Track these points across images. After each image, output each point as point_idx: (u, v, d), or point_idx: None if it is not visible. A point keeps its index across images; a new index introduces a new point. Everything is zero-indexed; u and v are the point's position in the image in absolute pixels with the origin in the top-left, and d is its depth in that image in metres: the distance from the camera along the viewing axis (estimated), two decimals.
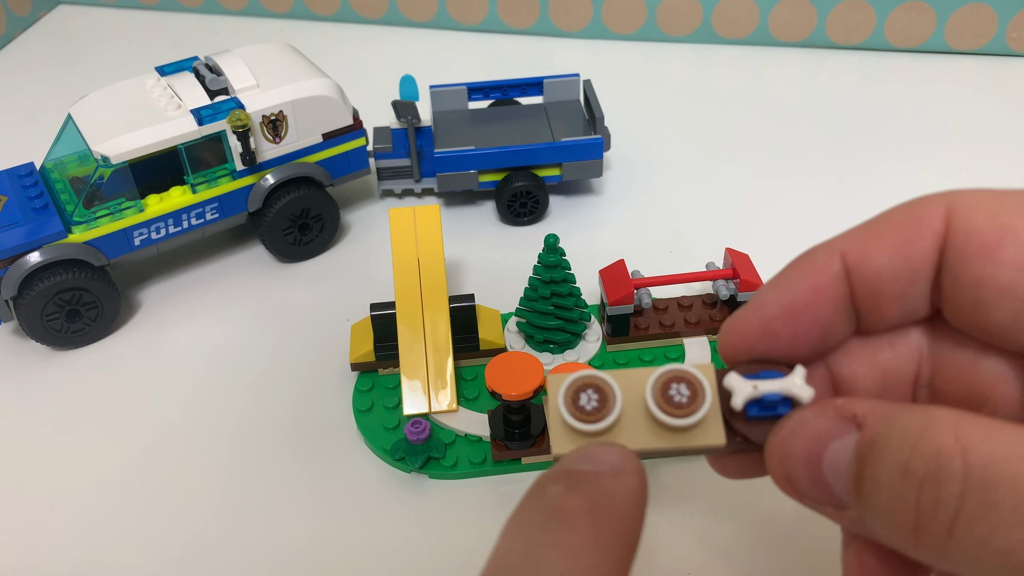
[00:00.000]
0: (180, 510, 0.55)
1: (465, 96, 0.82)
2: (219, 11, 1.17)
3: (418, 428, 0.55)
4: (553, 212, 0.79)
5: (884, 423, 0.31)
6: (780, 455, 0.34)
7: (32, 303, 0.63)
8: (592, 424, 0.36)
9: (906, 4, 0.97)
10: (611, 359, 0.61)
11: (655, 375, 0.37)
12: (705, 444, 0.37)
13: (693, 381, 0.37)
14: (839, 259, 0.37)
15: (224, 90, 0.68)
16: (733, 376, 0.36)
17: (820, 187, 0.81)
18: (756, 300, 0.37)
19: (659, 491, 0.55)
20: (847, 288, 0.37)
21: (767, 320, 0.37)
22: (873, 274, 0.36)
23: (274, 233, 0.72)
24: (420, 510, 0.54)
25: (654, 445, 0.37)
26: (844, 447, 0.32)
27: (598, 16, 1.06)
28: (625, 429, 0.37)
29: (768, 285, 0.38)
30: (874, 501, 0.31)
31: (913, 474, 0.29)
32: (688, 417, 0.36)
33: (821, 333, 0.37)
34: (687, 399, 0.36)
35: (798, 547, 0.51)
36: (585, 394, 0.37)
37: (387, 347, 0.60)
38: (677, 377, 0.37)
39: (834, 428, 0.33)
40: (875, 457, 0.31)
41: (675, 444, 0.37)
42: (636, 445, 0.37)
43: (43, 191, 0.65)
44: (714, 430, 0.37)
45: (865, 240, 0.37)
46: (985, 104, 0.92)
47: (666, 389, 0.37)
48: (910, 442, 0.30)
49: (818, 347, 0.37)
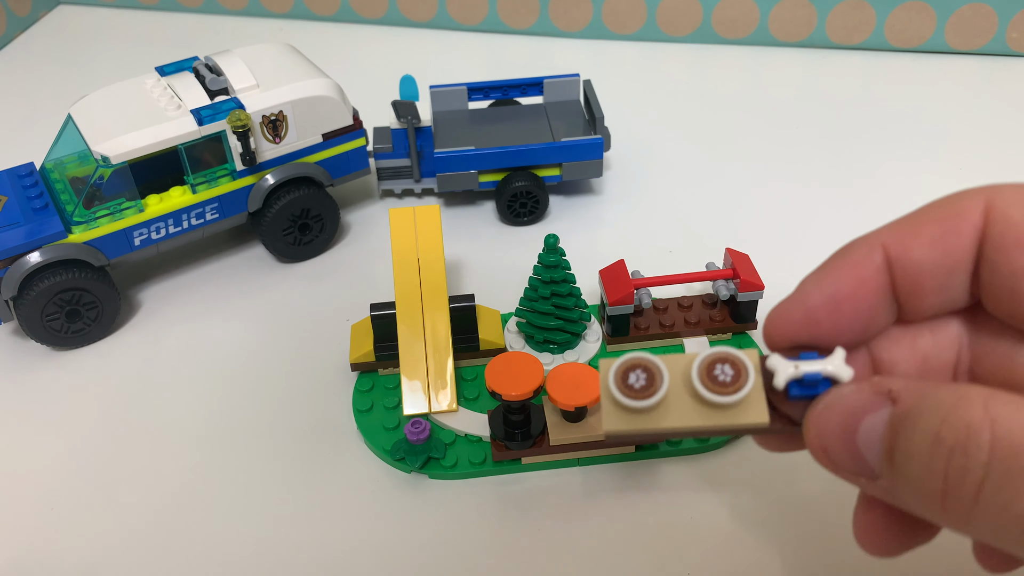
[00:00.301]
0: (180, 510, 0.55)
1: (465, 96, 0.82)
2: (219, 11, 1.17)
3: (418, 428, 0.55)
4: (553, 212, 0.79)
5: (918, 398, 0.33)
6: (817, 428, 0.36)
7: (32, 303, 0.63)
8: (640, 401, 0.38)
9: (906, 4, 0.97)
10: None
11: (701, 356, 0.39)
12: (748, 422, 0.38)
13: (737, 362, 0.38)
14: (881, 251, 0.38)
15: (224, 90, 0.68)
16: (776, 357, 0.38)
17: (820, 187, 0.81)
18: (800, 290, 0.39)
19: (659, 491, 0.55)
20: (888, 279, 0.38)
21: (811, 310, 0.39)
22: (913, 266, 0.38)
23: (274, 233, 0.72)
24: (420, 510, 0.54)
25: (699, 423, 0.38)
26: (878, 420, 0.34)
27: (598, 16, 1.06)
28: (671, 407, 0.39)
29: (811, 276, 0.40)
30: (906, 470, 0.33)
31: (943, 444, 0.31)
32: (732, 395, 0.38)
33: (863, 322, 0.39)
34: (731, 378, 0.38)
35: (798, 547, 0.51)
36: (634, 374, 0.39)
37: (387, 347, 0.60)
38: (722, 358, 0.39)
39: (870, 402, 0.35)
40: (908, 429, 0.33)
41: (719, 422, 0.38)
42: (682, 423, 0.39)
43: (43, 191, 0.65)
44: (757, 409, 0.38)
45: (906, 233, 0.38)
46: (985, 104, 0.92)
47: (711, 369, 0.39)
48: (942, 415, 0.32)
49: (860, 336, 0.39)
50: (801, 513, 0.53)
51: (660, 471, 0.56)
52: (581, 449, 0.55)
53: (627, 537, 0.52)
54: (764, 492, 0.54)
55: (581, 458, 0.56)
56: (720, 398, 0.38)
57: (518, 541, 0.52)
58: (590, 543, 0.52)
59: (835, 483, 0.54)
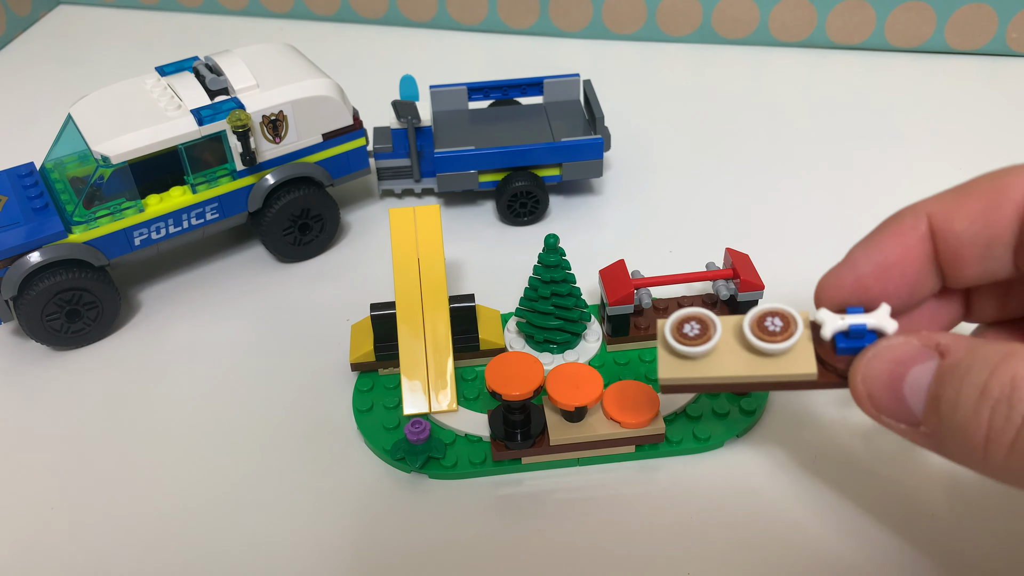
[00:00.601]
0: (180, 509, 0.55)
1: (465, 96, 0.82)
2: (219, 11, 1.17)
3: (418, 428, 0.55)
4: (553, 212, 0.79)
5: (966, 352, 0.36)
6: (864, 375, 0.39)
7: (32, 303, 0.63)
8: (694, 347, 0.41)
9: (906, 4, 0.97)
10: (611, 359, 0.61)
11: (753, 310, 0.42)
12: (796, 372, 0.41)
13: (787, 315, 0.41)
14: (925, 221, 0.41)
15: (224, 90, 0.68)
16: (823, 311, 0.40)
17: (820, 186, 0.81)
18: (849, 258, 0.42)
19: (659, 491, 0.55)
20: (932, 248, 0.41)
21: (860, 277, 0.41)
22: (955, 237, 0.40)
23: (274, 233, 0.72)
24: (420, 510, 0.54)
25: (749, 372, 0.41)
26: (926, 370, 0.37)
27: (598, 16, 1.06)
28: (723, 356, 0.42)
29: (859, 244, 0.42)
30: (950, 419, 0.35)
31: (989, 394, 0.34)
32: (781, 343, 0.40)
33: (909, 288, 0.41)
34: (780, 329, 0.41)
35: (798, 546, 0.51)
36: (688, 324, 0.42)
37: (387, 347, 0.60)
38: (772, 312, 0.42)
39: (918, 353, 0.37)
40: (956, 380, 0.35)
41: (768, 371, 0.41)
42: (732, 371, 0.41)
43: (43, 191, 0.65)
44: (805, 359, 0.41)
45: (949, 205, 0.40)
46: (985, 104, 0.92)
47: (762, 320, 0.41)
48: (989, 368, 0.34)
49: (906, 300, 0.42)
50: (801, 513, 0.53)
51: (660, 471, 0.56)
52: (581, 449, 0.55)
53: (627, 537, 0.52)
54: (764, 492, 0.54)
55: (581, 458, 0.56)
56: (770, 346, 0.40)
57: (518, 541, 0.52)
58: (590, 543, 0.52)
59: (834, 482, 0.54)
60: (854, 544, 0.51)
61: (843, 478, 0.54)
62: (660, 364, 0.43)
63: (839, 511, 0.53)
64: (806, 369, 0.41)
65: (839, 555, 0.51)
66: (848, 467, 0.55)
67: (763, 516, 0.53)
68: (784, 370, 0.41)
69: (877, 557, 0.50)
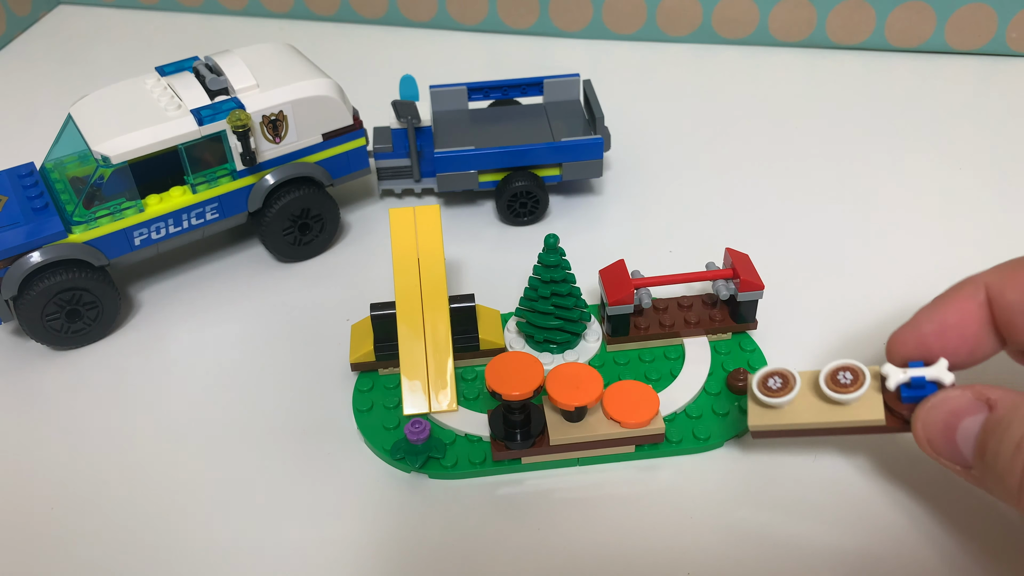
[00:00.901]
0: (180, 510, 0.55)
1: (465, 96, 0.82)
2: (219, 11, 1.17)
3: (418, 428, 0.55)
4: (553, 212, 0.79)
5: (1010, 408, 0.41)
6: (924, 422, 0.44)
7: (32, 303, 0.63)
8: (777, 399, 0.48)
9: (906, 4, 0.97)
10: (611, 359, 0.61)
11: (828, 366, 0.48)
12: (866, 418, 0.46)
13: (856, 370, 0.47)
14: (983, 290, 0.47)
15: (224, 90, 0.68)
16: (888, 365, 0.46)
17: (820, 186, 0.81)
18: (915, 319, 0.48)
19: (659, 491, 0.55)
20: (989, 314, 0.46)
21: (922, 336, 0.47)
22: (1008, 305, 0.46)
23: (274, 233, 0.72)
24: (420, 510, 0.54)
25: (825, 419, 0.47)
26: (976, 422, 0.42)
27: (598, 16, 1.06)
28: (802, 406, 0.48)
29: (925, 307, 0.48)
30: (993, 466, 0.41)
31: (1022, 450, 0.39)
32: (852, 393, 0.46)
33: (968, 349, 0.47)
34: (851, 382, 0.47)
35: (797, 546, 0.51)
36: (772, 379, 0.49)
37: (387, 347, 0.60)
38: (844, 367, 0.47)
39: (970, 406, 0.43)
40: (999, 433, 0.40)
41: (841, 418, 0.47)
42: (811, 418, 0.47)
43: (43, 191, 0.65)
44: (874, 407, 0.46)
45: (1004, 276, 0.46)
46: (985, 104, 0.92)
47: (835, 374, 0.47)
48: None
49: (966, 360, 0.47)
50: (801, 512, 0.53)
51: (660, 470, 0.56)
52: (581, 449, 0.55)
53: (627, 536, 0.52)
54: (764, 491, 0.54)
55: (581, 458, 0.56)
56: (842, 396, 0.46)
57: (518, 541, 0.52)
58: (590, 542, 0.52)
59: (834, 482, 0.54)
60: (854, 542, 0.51)
61: (842, 477, 0.54)
62: (750, 413, 0.50)
63: (839, 510, 0.53)
64: (875, 416, 0.47)
65: (839, 553, 0.51)
66: (847, 466, 0.55)
67: (763, 515, 0.53)
68: (855, 416, 0.47)
69: (878, 556, 0.50)
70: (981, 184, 0.80)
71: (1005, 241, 0.73)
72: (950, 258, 0.71)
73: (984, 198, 0.78)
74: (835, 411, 0.47)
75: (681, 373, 0.60)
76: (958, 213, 0.76)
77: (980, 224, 0.75)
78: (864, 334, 0.65)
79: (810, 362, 0.62)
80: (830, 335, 0.65)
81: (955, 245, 0.73)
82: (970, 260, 0.71)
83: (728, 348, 0.62)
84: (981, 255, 0.71)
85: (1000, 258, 0.70)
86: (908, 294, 0.67)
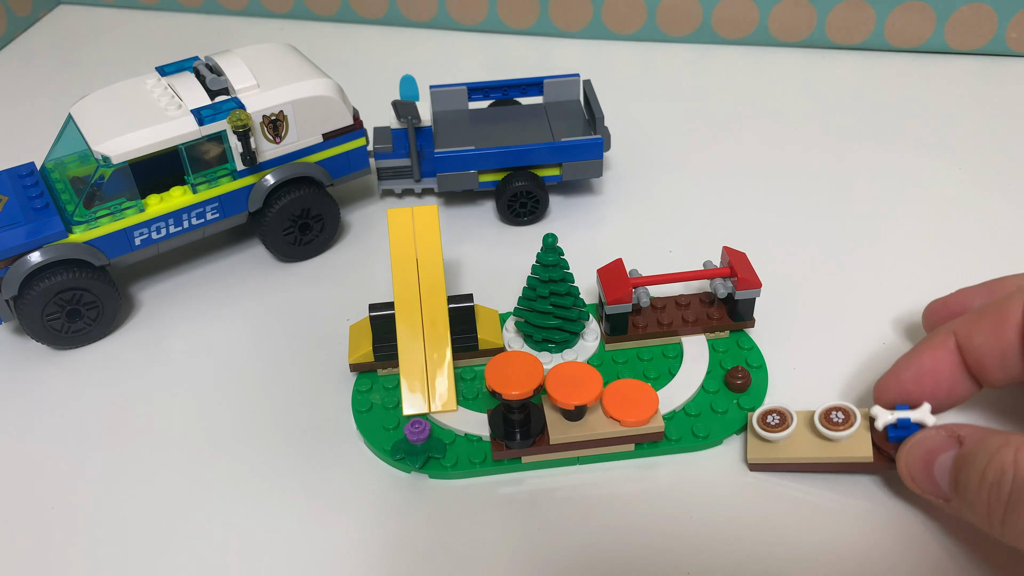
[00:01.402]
0: (179, 509, 0.55)
1: (465, 96, 0.82)
2: (219, 11, 1.17)
3: (418, 428, 0.55)
4: (553, 212, 0.79)
5: (975, 442, 0.45)
6: (905, 460, 0.49)
7: (32, 303, 0.63)
8: (775, 433, 0.52)
9: (906, 4, 0.97)
10: (609, 358, 0.62)
11: (822, 406, 0.52)
12: (856, 455, 0.51)
13: (848, 411, 0.51)
14: (953, 338, 0.52)
15: (224, 90, 0.68)
16: (876, 407, 0.51)
17: (819, 186, 0.81)
18: (895, 366, 0.53)
19: (659, 491, 0.55)
20: (960, 359, 0.51)
21: (902, 382, 0.52)
22: (975, 349, 0.50)
23: (274, 233, 0.72)
24: (420, 510, 0.54)
25: (818, 454, 0.51)
26: (949, 457, 0.46)
27: (598, 16, 1.06)
28: (798, 442, 0.52)
29: (904, 355, 0.53)
30: (964, 496, 0.45)
31: (985, 479, 0.43)
32: (843, 431, 0.50)
33: (945, 391, 0.52)
34: (843, 420, 0.51)
35: (797, 545, 0.51)
36: (770, 416, 0.53)
37: (386, 347, 0.60)
38: (837, 408, 0.52)
39: (944, 443, 0.47)
40: (966, 466, 0.45)
41: (834, 454, 0.51)
42: (805, 453, 0.52)
43: (43, 191, 0.65)
44: (863, 445, 0.51)
45: (969, 325, 0.51)
46: (985, 104, 0.92)
47: (828, 414, 0.52)
48: (987, 458, 0.44)
49: (944, 402, 0.52)
50: (801, 510, 0.53)
51: (660, 469, 0.56)
52: (581, 448, 0.55)
53: (627, 535, 0.52)
54: (764, 489, 0.54)
55: (581, 457, 0.56)
56: (835, 434, 0.51)
57: (518, 541, 0.52)
58: (590, 541, 0.52)
59: (833, 482, 0.54)
60: (854, 541, 0.51)
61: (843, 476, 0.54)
62: (749, 448, 0.54)
63: (838, 509, 0.53)
64: (864, 453, 0.51)
65: (839, 552, 0.51)
66: None
67: (763, 514, 0.53)
68: (846, 453, 0.51)
69: (878, 555, 0.50)
70: (980, 184, 0.80)
71: (1004, 240, 0.73)
72: (948, 256, 0.71)
73: (983, 198, 0.78)
74: (828, 447, 0.51)
75: (679, 371, 0.60)
76: (957, 212, 0.76)
77: (979, 223, 0.75)
78: (862, 332, 0.65)
79: (810, 362, 0.62)
80: (828, 333, 0.65)
81: (953, 244, 0.73)
82: (968, 259, 0.71)
83: (726, 346, 0.62)
84: (980, 254, 0.72)
85: (999, 258, 0.71)
86: (906, 292, 0.67)
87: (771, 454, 0.53)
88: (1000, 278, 0.57)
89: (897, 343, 0.64)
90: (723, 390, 0.59)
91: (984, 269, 0.67)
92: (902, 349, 0.63)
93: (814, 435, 0.52)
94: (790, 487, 0.54)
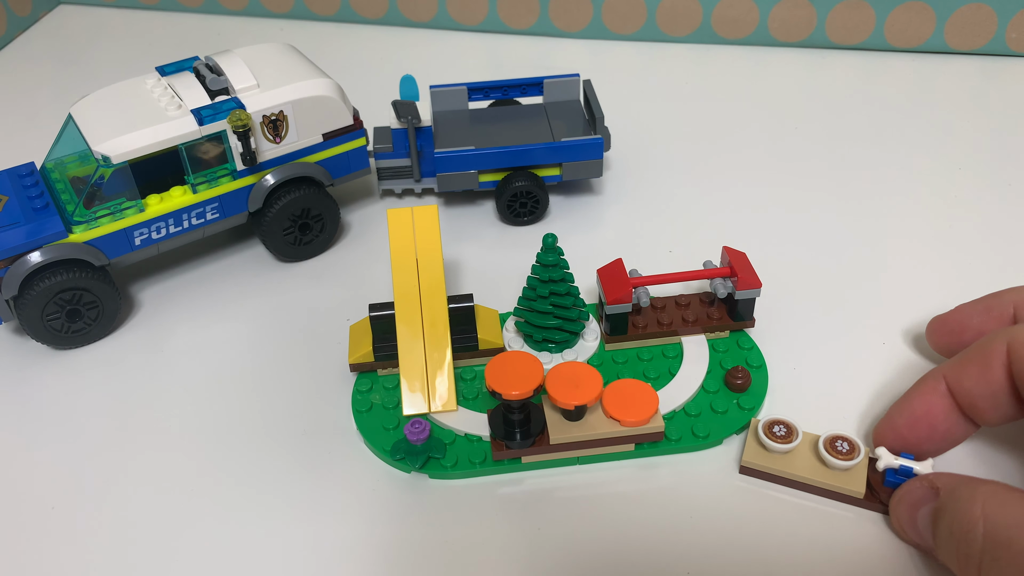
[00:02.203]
0: (180, 509, 0.55)
1: (465, 96, 0.82)
2: (219, 11, 1.17)
3: (418, 428, 0.55)
4: (553, 212, 0.79)
5: (947, 494, 0.46)
6: (894, 513, 0.50)
7: (33, 303, 0.63)
8: (780, 444, 0.53)
9: (906, 4, 0.97)
10: (609, 358, 0.62)
11: (830, 432, 0.53)
12: (848, 487, 0.51)
13: (853, 443, 0.52)
14: (943, 381, 0.52)
15: (225, 90, 0.68)
16: (882, 449, 0.51)
17: (819, 186, 0.81)
18: (889, 413, 0.53)
19: (659, 491, 0.55)
20: (953, 402, 0.51)
21: (897, 428, 0.52)
22: (966, 392, 0.50)
23: (274, 233, 0.72)
24: (420, 510, 0.54)
25: (814, 476, 0.52)
26: (928, 510, 0.47)
27: (598, 16, 1.06)
28: (798, 459, 0.53)
29: (896, 402, 0.53)
30: (940, 547, 0.46)
31: (955, 534, 0.44)
32: (844, 462, 0.51)
33: (940, 435, 0.52)
34: (846, 451, 0.52)
35: (797, 544, 0.51)
36: (778, 426, 0.54)
37: (386, 347, 0.60)
38: (843, 437, 0.53)
39: (924, 496, 0.48)
40: (938, 519, 0.46)
41: (828, 480, 0.52)
42: (800, 471, 0.52)
43: (43, 191, 0.65)
44: (858, 480, 0.51)
45: (957, 368, 0.51)
46: (985, 104, 0.92)
47: (834, 441, 0.52)
48: (954, 511, 0.44)
49: (942, 445, 0.52)
50: (801, 510, 0.53)
51: (660, 469, 0.56)
52: (581, 448, 0.55)
53: (627, 535, 0.52)
54: (764, 489, 0.54)
55: (581, 456, 0.56)
56: (835, 461, 0.51)
57: (518, 540, 0.52)
58: (590, 541, 0.52)
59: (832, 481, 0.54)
60: (854, 541, 0.51)
61: None
62: (746, 450, 0.54)
63: (838, 507, 0.53)
64: (856, 488, 0.51)
65: (839, 551, 0.51)
66: None
67: (763, 513, 0.53)
68: (839, 483, 0.51)
69: (879, 556, 0.50)
70: (980, 184, 0.80)
71: (1004, 241, 0.73)
72: (947, 256, 0.71)
73: (983, 198, 0.78)
74: (823, 472, 0.52)
75: (679, 371, 0.60)
76: (957, 213, 0.76)
77: (979, 223, 0.75)
78: (862, 331, 0.65)
79: (810, 361, 0.62)
80: (828, 333, 0.65)
81: (953, 244, 0.73)
82: (967, 258, 0.71)
83: (726, 346, 0.62)
84: (979, 255, 0.72)
85: (998, 257, 0.71)
86: (905, 291, 0.67)
87: (767, 462, 0.53)
88: (996, 293, 0.56)
89: (897, 342, 0.64)
90: (723, 390, 0.59)
91: (983, 269, 0.67)
92: (902, 348, 0.63)
93: (814, 457, 0.53)
94: (789, 488, 0.54)
